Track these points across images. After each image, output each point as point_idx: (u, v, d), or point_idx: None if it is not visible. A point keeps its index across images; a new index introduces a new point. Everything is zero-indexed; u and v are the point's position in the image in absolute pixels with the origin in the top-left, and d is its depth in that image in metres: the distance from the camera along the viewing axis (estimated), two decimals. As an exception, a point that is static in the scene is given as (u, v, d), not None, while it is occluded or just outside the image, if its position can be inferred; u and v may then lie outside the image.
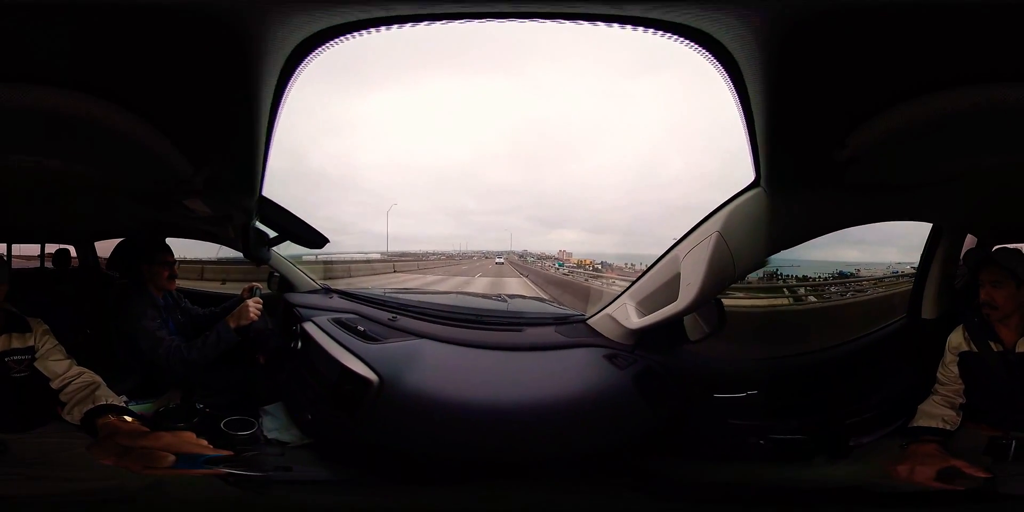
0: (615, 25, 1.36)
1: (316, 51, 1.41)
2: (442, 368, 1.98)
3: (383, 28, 1.37)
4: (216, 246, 2.78)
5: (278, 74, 1.41)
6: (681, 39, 1.36)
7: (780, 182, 1.62)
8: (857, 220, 2.11)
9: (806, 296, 3.80)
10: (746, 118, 1.51)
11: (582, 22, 1.36)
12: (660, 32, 1.35)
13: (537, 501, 1.67)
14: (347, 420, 1.88)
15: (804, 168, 1.55)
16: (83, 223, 3.00)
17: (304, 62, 1.44)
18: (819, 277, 3.89)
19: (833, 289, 3.91)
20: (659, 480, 1.82)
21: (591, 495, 1.70)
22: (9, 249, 2.99)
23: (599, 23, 1.36)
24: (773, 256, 1.94)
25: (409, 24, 1.37)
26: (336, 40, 1.39)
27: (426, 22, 1.37)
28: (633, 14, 1.30)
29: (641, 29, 1.35)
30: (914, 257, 2.51)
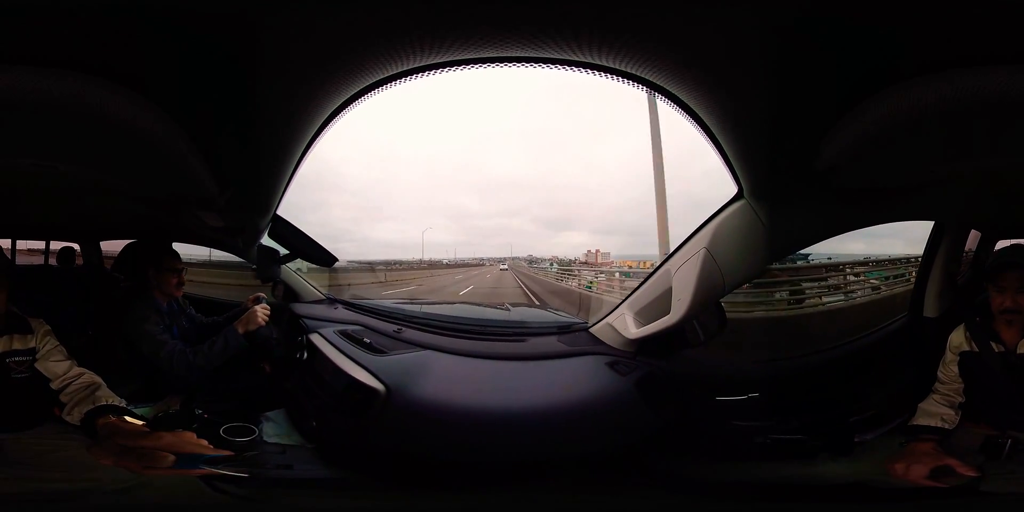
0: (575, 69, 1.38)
1: (372, 92, 1.46)
2: (448, 378, 2.01)
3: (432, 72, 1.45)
4: (222, 253, 2.77)
5: (327, 104, 1.43)
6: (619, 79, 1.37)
7: (764, 193, 1.56)
8: (852, 225, 2.03)
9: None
10: (707, 135, 1.45)
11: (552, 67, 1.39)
12: (608, 75, 1.37)
13: (545, 501, 1.69)
14: (353, 426, 1.90)
15: (786, 178, 1.47)
16: (89, 221, 2.98)
17: (358, 97, 1.48)
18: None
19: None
20: (664, 479, 1.85)
21: (598, 494, 1.72)
22: (13, 246, 2.97)
23: (569, 68, 1.38)
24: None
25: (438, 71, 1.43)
26: (391, 85, 1.45)
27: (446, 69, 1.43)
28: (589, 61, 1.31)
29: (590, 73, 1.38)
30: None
